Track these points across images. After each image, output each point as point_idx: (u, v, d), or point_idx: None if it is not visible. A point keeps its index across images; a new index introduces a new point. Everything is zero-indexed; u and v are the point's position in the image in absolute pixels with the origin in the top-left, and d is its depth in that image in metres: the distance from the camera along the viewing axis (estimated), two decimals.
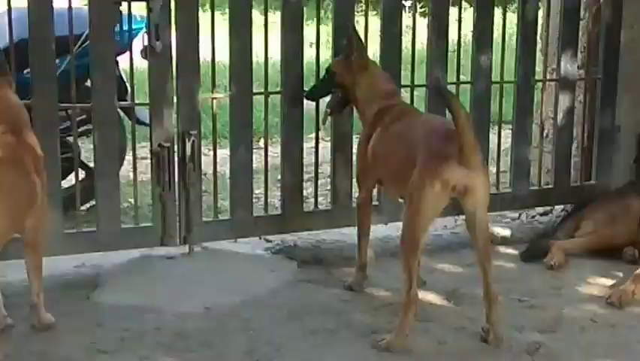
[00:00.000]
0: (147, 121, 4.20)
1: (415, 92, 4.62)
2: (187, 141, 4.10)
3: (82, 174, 4.43)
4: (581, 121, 4.95)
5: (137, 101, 4.35)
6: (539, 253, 4.37)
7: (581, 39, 4.88)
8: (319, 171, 4.71)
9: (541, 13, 4.97)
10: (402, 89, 4.37)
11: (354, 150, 4.37)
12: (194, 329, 3.50)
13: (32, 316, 3.41)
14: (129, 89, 4.44)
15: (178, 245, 4.22)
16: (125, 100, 4.44)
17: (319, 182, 4.69)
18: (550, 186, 4.91)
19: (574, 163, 4.96)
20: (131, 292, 3.88)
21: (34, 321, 3.41)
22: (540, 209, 5.05)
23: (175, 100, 4.12)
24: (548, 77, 4.96)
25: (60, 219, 3.98)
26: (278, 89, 4.43)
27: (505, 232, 4.72)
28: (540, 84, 5.01)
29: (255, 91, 4.42)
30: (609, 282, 4.05)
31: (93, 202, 4.30)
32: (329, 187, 4.64)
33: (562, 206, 4.93)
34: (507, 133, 5.03)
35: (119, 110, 4.33)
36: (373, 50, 4.44)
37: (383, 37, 4.43)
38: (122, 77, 4.55)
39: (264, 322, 3.59)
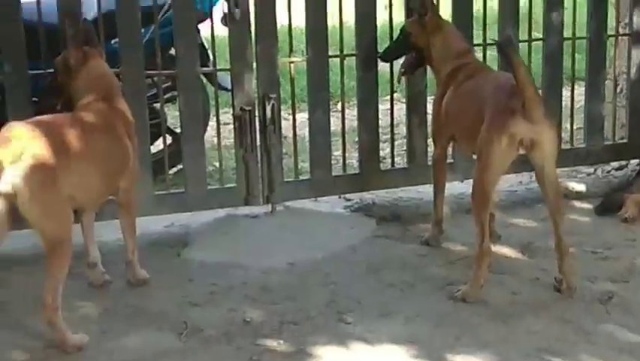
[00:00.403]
0: (229, 86, 4.20)
1: (488, 51, 4.48)
2: (267, 104, 4.10)
3: (169, 139, 4.49)
4: None
5: (218, 67, 4.38)
6: (614, 207, 4.32)
7: None
8: (395, 131, 4.69)
9: None
10: (475, 48, 4.24)
11: (429, 110, 4.30)
12: (278, 284, 3.54)
13: (128, 272, 3.48)
14: (211, 56, 4.49)
15: (261, 204, 4.25)
16: (207, 66, 4.46)
17: (396, 142, 4.69)
18: (624, 141, 4.84)
19: None
20: (218, 250, 3.91)
21: (130, 277, 3.48)
22: (615, 163, 4.96)
23: (255, 65, 4.11)
24: (621, 32, 4.85)
25: (150, 182, 4.03)
26: (353, 52, 4.40)
27: (580, 187, 4.66)
28: (613, 39, 4.85)
29: (330, 54, 4.38)
30: None
31: (180, 166, 4.34)
32: (405, 147, 4.62)
33: (637, 160, 4.82)
34: (581, 90, 4.91)
35: (201, 76, 4.36)
36: (445, 10, 4.32)
37: None
38: (203, 45, 4.55)
39: (343, 276, 3.61)
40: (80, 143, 3.08)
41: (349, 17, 4.36)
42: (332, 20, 4.34)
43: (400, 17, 4.49)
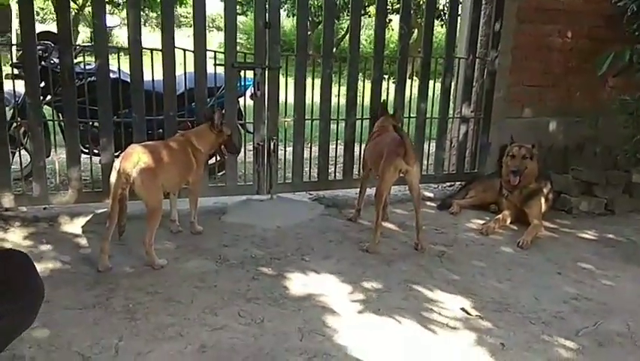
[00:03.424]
0: (252, 131, 4.26)
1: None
2: (271, 142, 4.20)
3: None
4: (472, 139, 4.90)
5: (247, 121, 4.46)
6: (447, 206, 4.43)
7: (473, 95, 4.81)
8: (338, 160, 4.73)
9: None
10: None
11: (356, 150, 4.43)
12: (271, 237, 3.62)
13: (191, 227, 3.63)
14: (244, 114, 4.57)
15: (265, 195, 4.32)
16: (241, 120, 4.47)
17: (338, 165, 4.70)
18: (454, 172, 4.95)
19: (467, 161, 4.93)
20: (241, 217, 3.97)
21: (192, 229, 3.63)
22: (448, 183, 5.04)
23: (265, 121, 4.15)
24: (456, 115, 4.85)
25: (207, 178, 4.13)
26: (318, 117, 4.35)
27: (430, 194, 4.79)
28: (451, 119, 4.82)
29: (307, 118, 4.32)
30: (481, 221, 4.11)
31: (224, 171, 4.34)
32: (342, 168, 4.63)
33: (459, 182, 4.90)
34: (433, 144, 4.87)
35: (238, 125, 4.26)
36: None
37: None
38: (240, 109, 4.45)
39: (305, 235, 3.69)
40: (168, 157, 3.21)
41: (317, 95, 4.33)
42: (309, 98, 4.36)
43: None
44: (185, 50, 3.94)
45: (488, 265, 3.33)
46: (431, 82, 4.66)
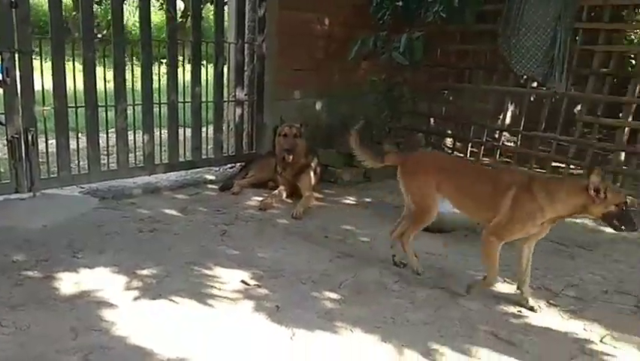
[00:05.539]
0: (4, 122, 3.89)
1: None
2: (29, 134, 3.91)
3: None
4: (248, 121, 5.10)
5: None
6: (229, 187, 4.55)
7: (245, 79, 4.99)
8: (111, 151, 4.53)
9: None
10: None
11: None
12: (36, 237, 3.36)
13: None
14: None
15: (26, 192, 4.02)
16: None
17: (111, 155, 4.52)
18: (234, 154, 5.11)
19: (245, 142, 5.12)
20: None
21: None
22: (229, 165, 5.18)
23: (20, 110, 3.85)
24: (231, 99, 5.01)
25: None
26: (83, 104, 4.15)
27: (212, 177, 4.90)
28: (226, 103, 4.99)
29: (70, 105, 4.11)
30: (260, 198, 4.29)
31: None
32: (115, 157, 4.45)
33: (239, 164, 5.04)
34: (211, 128, 4.97)
35: None
36: None
37: None
38: None
39: (77, 231, 3.50)
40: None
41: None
42: (71, 86, 4.14)
43: None
44: None
45: (266, 238, 3.55)
46: (205, 67, 4.80)
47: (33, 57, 3.85)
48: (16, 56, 3.75)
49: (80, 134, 4.26)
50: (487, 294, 2.86)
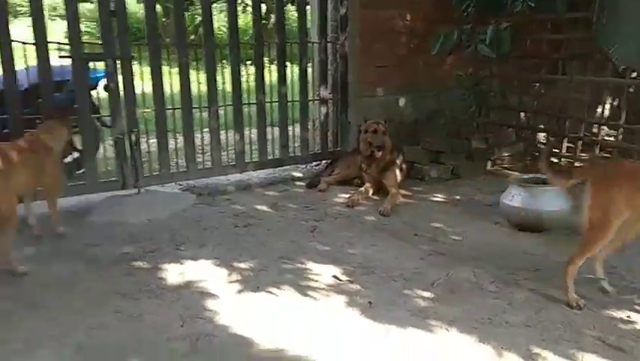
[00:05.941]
0: (110, 124, 4.18)
1: None
2: (132, 134, 4.12)
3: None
4: (333, 119, 5.14)
5: (103, 114, 4.35)
6: (316, 184, 4.59)
7: (329, 78, 5.04)
8: (206, 150, 4.72)
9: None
10: None
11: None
12: (142, 231, 3.56)
13: (52, 228, 3.46)
14: (96, 106, 4.48)
15: (132, 189, 4.19)
16: (96, 114, 4.40)
17: (206, 155, 4.73)
18: (319, 151, 5.15)
19: (330, 140, 5.16)
20: (108, 214, 3.87)
21: (53, 232, 3.44)
22: (315, 163, 5.21)
23: (124, 113, 4.06)
24: (315, 98, 5.05)
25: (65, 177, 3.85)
26: (179, 106, 4.38)
27: (299, 174, 4.99)
28: (311, 102, 4.99)
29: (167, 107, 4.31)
30: (347, 195, 4.29)
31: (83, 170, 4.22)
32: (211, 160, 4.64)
33: (324, 161, 5.09)
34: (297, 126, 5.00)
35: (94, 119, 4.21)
36: None
37: None
38: (94, 102, 4.39)
39: (179, 225, 3.67)
40: (18, 158, 2.99)
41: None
42: (168, 89, 4.35)
43: None
44: (24, 43, 3.75)
45: (355, 234, 3.54)
46: (290, 67, 4.86)
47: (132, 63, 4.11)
48: (118, 62, 4.00)
49: (177, 135, 4.50)
50: (592, 297, 2.70)
